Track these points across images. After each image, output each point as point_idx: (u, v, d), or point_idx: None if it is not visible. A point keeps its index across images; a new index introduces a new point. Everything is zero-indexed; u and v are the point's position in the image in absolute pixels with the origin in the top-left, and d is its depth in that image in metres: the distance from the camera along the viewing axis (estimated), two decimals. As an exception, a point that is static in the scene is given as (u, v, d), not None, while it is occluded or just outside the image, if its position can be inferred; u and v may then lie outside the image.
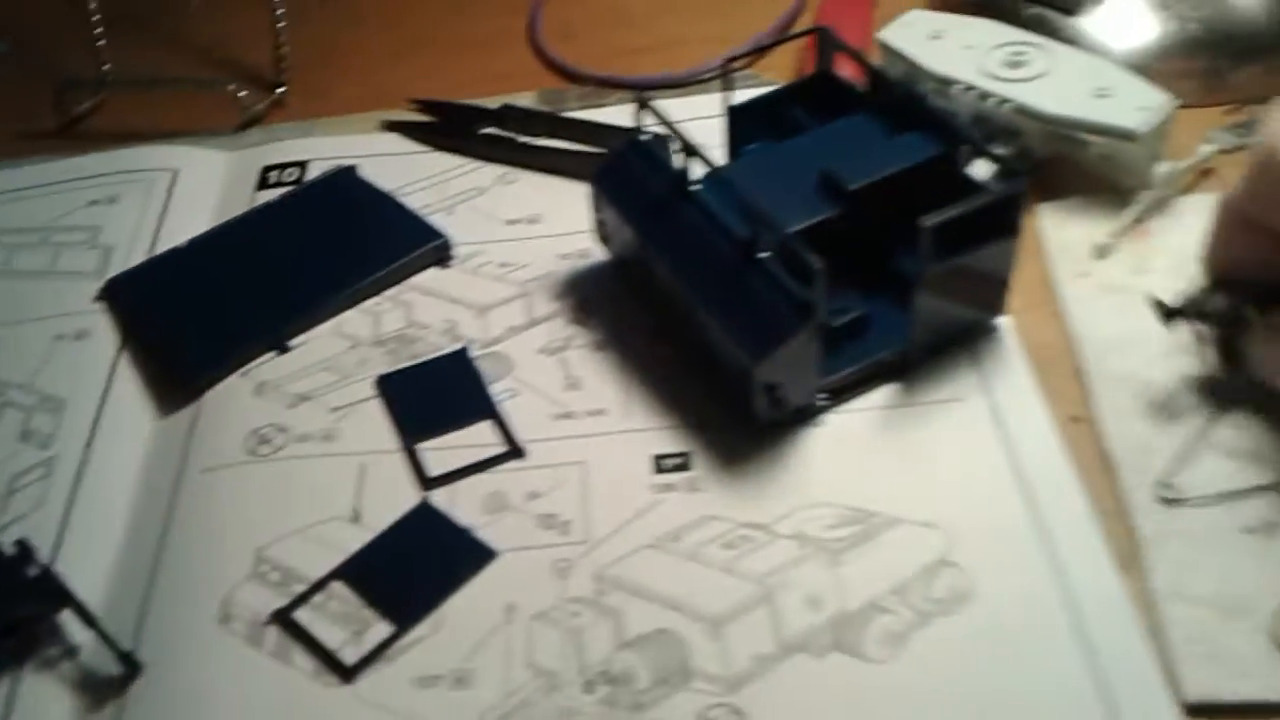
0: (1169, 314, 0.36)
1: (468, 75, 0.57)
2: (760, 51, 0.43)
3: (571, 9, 0.61)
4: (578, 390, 0.40)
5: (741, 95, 0.44)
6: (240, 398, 0.41)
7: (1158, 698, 0.30)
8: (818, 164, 0.39)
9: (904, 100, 0.40)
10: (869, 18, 0.54)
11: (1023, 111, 0.43)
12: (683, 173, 0.39)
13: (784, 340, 0.35)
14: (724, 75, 0.42)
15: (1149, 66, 0.48)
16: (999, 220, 0.37)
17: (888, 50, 0.47)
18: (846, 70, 0.44)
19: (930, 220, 0.34)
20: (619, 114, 0.52)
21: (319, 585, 0.35)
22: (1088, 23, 0.49)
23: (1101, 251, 0.42)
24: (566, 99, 0.54)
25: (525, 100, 0.54)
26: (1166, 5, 0.48)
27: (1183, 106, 0.48)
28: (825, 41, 0.43)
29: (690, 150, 0.38)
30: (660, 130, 0.41)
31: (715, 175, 0.38)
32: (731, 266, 0.37)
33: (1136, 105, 0.41)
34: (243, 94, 0.55)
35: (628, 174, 0.41)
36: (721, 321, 0.36)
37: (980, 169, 0.39)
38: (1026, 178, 0.36)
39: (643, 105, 0.40)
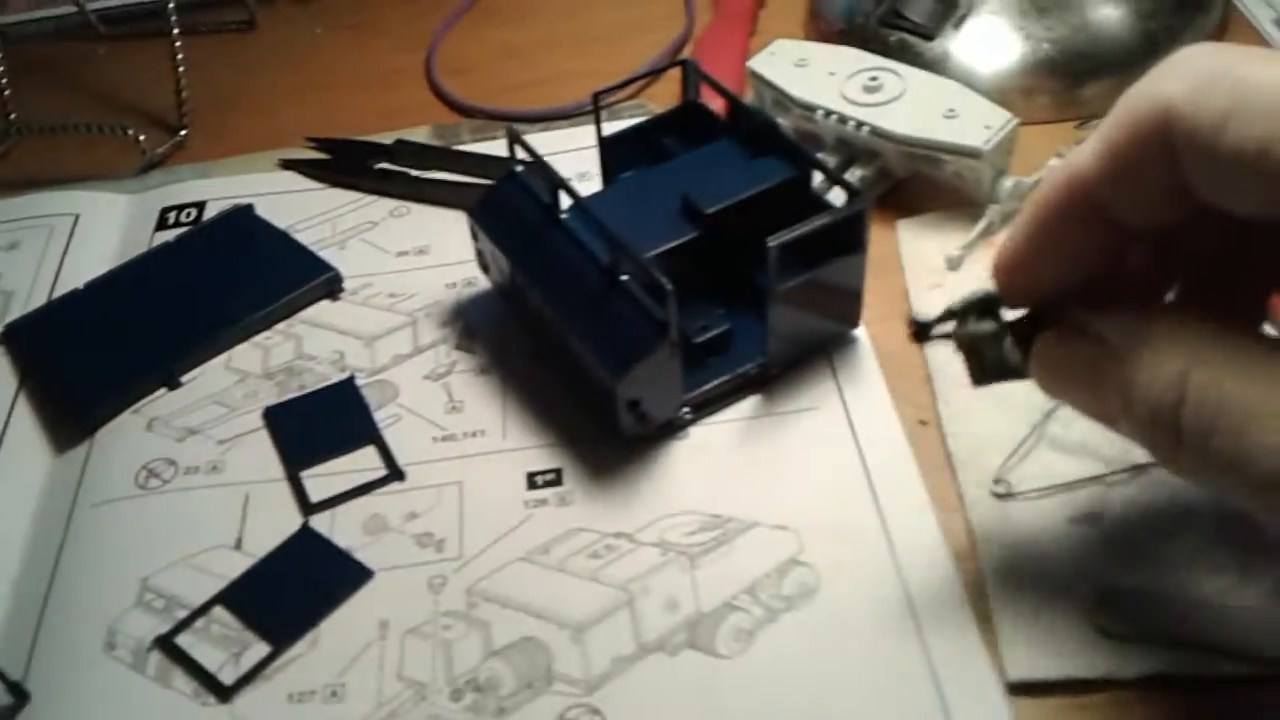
0: (919, 333, 0.33)
1: (365, 112, 0.59)
2: (629, 84, 0.45)
3: (467, 46, 0.63)
4: (459, 413, 0.42)
5: (624, 124, 0.46)
6: (132, 434, 0.42)
7: (983, 678, 0.32)
8: (679, 189, 0.41)
9: (761, 127, 0.43)
10: (745, 47, 0.57)
11: (879, 134, 0.45)
12: (552, 203, 0.41)
13: (642, 358, 0.37)
14: (596, 108, 0.44)
15: (1009, 86, 0.51)
16: (846, 238, 0.39)
17: (756, 78, 0.50)
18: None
19: (776, 240, 0.37)
20: (504, 148, 0.54)
21: (201, 610, 0.36)
22: (954, 45, 0.51)
23: (953, 263, 0.44)
24: (459, 133, 0.56)
25: (420, 135, 0.56)
26: (1022, 27, 0.51)
27: (1038, 123, 0.51)
28: (690, 73, 0.45)
29: (556, 181, 0.40)
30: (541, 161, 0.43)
31: (581, 204, 0.40)
32: (596, 290, 0.39)
33: (982, 124, 0.44)
34: (143, 138, 0.56)
35: (503, 206, 0.43)
36: (587, 343, 0.38)
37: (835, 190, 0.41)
38: (870, 197, 0.39)
39: (514, 139, 0.42)
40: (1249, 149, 0.23)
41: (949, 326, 0.31)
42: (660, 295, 0.36)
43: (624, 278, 0.38)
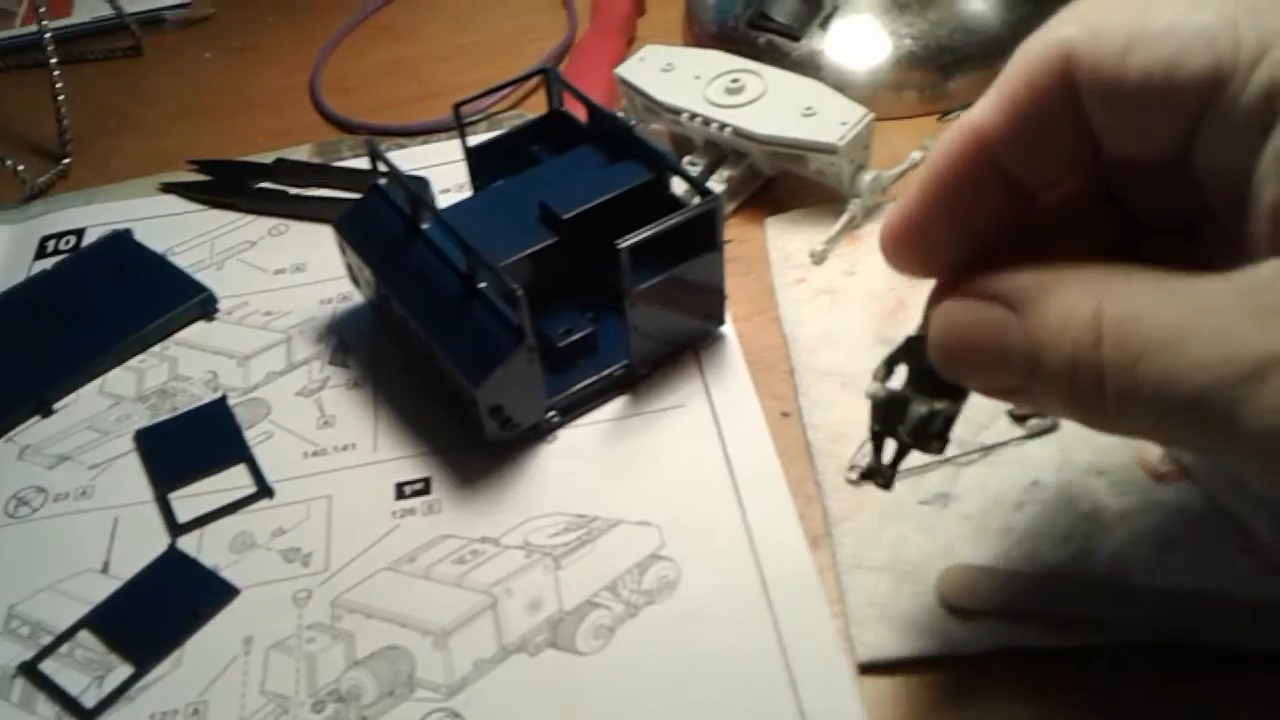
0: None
1: (252, 134, 0.59)
2: (489, 95, 0.46)
3: (352, 63, 0.63)
4: (330, 428, 0.42)
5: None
6: (3, 463, 0.42)
7: (833, 659, 0.33)
8: (539, 196, 0.42)
9: (619, 132, 0.43)
10: (622, 53, 0.57)
11: (741, 134, 0.46)
12: (414, 215, 0.41)
13: (499, 363, 0.37)
14: (458, 120, 0.45)
15: (876, 82, 0.52)
16: (701, 237, 0.40)
17: (625, 84, 0.50)
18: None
19: (625, 242, 0.37)
20: (392, 160, 0.55)
21: (66, 635, 0.36)
22: (820, 45, 0.52)
23: (817, 257, 0.45)
24: (340, 149, 0.56)
25: (301, 153, 0.56)
26: (886, 25, 0.52)
27: (907, 117, 0.52)
28: (552, 82, 0.46)
29: (413, 195, 0.41)
30: (414, 174, 0.43)
31: (438, 216, 0.40)
32: (455, 299, 0.39)
33: (839, 120, 0.45)
34: (21, 168, 0.56)
35: (367, 219, 0.43)
36: (447, 351, 0.39)
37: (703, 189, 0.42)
38: (741, 196, 0.39)
39: (374, 154, 0.43)
40: (1157, 70, 0.22)
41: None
42: (511, 301, 0.36)
43: (482, 286, 0.39)
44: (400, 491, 0.39)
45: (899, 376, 0.29)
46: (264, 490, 0.40)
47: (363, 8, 0.66)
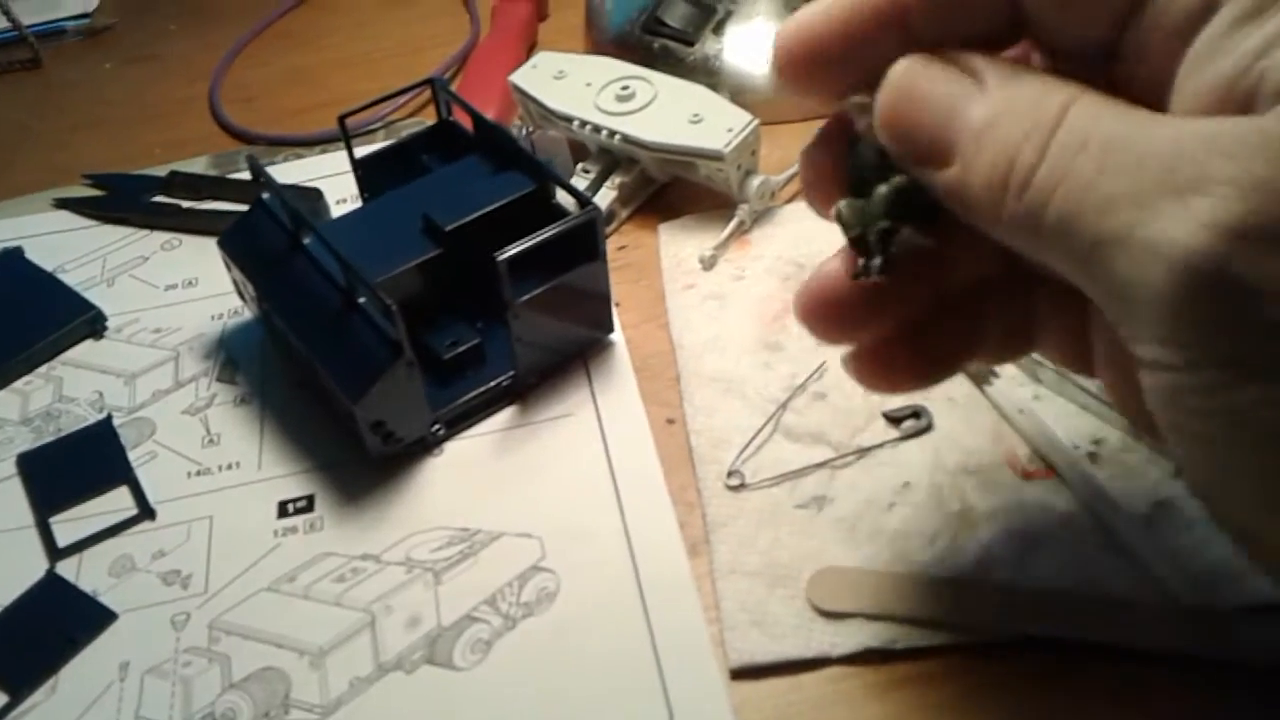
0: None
1: (151, 146, 0.58)
2: (375, 105, 0.46)
3: (253, 72, 0.62)
4: (215, 446, 0.42)
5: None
6: (-120, 491, 0.41)
7: (705, 666, 0.33)
8: (424, 208, 0.42)
9: (504, 143, 0.43)
10: (521, 60, 0.57)
11: (631, 141, 0.46)
12: (295, 230, 0.41)
13: (377, 379, 0.37)
14: (344, 132, 0.44)
15: (770, 86, 0.52)
16: (583, 247, 0.40)
17: (519, 92, 0.50)
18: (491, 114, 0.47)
19: (503, 254, 0.37)
20: (284, 171, 0.54)
21: (-63, 667, 0.36)
22: (714, 50, 0.53)
23: (706, 263, 0.45)
24: (237, 161, 0.56)
25: (198, 165, 0.55)
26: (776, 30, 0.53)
27: (799, 120, 0.53)
28: (439, 92, 0.46)
29: (293, 212, 0.40)
30: (309, 185, 0.43)
31: (317, 231, 0.40)
32: (335, 314, 0.39)
33: (725, 127, 0.45)
34: (-92, 185, 0.55)
35: (250, 234, 0.43)
36: (327, 367, 0.38)
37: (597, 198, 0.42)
38: (599, 208, 0.39)
39: (255, 170, 0.42)
40: None
41: None
42: (387, 315, 0.36)
43: (362, 300, 0.39)
44: (283, 510, 0.39)
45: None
46: (146, 512, 0.40)
47: (265, 15, 0.66)
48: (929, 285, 0.28)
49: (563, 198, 0.41)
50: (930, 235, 0.26)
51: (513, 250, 0.37)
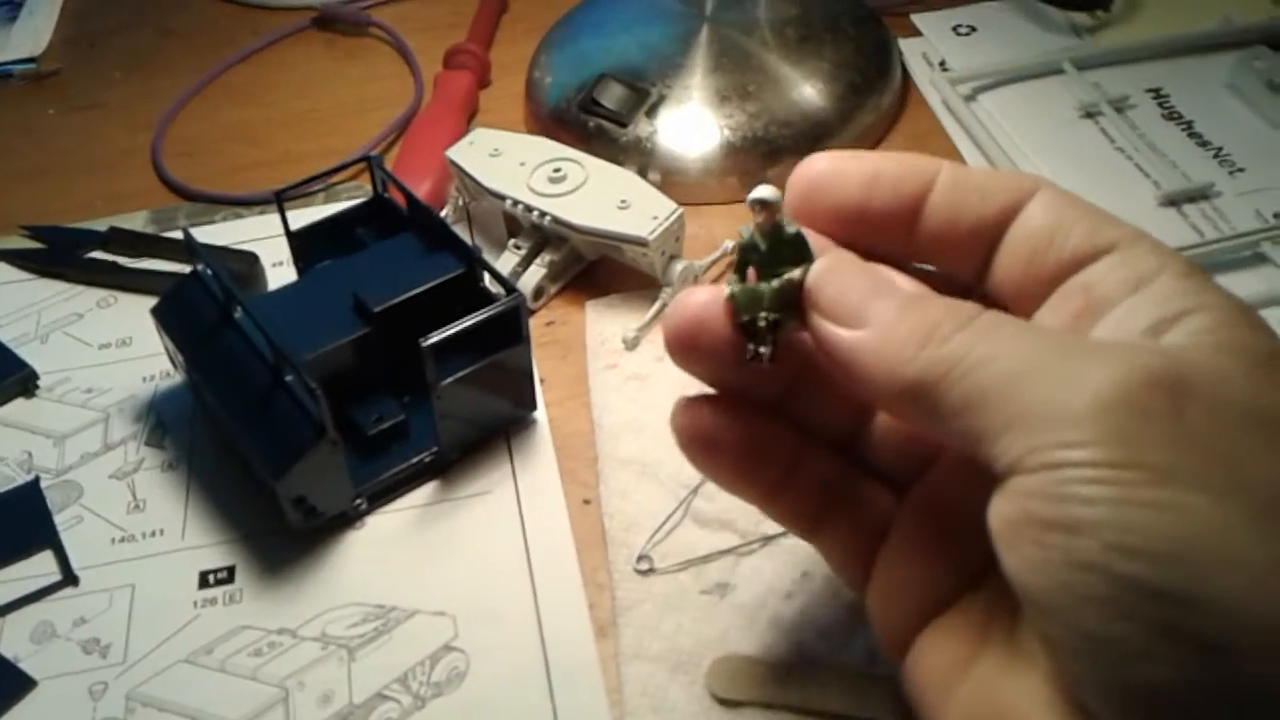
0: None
1: (93, 197, 0.59)
2: (312, 181, 0.47)
3: (196, 125, 0.63)
4: (141, 513, 0.43)
5: (340, 206, 0.48)
6: None
7: (604, 752, 0.34)
8: (354, 285, 0.43)
9: (434, 224, 0.45)
10: (461, 131, 0.59)
11: (560, 223, 0.48)
12: (226, 303, 0.42)
13: (300, 457, 0.38)
14: (280, 208, 0.46)
15: (699, 169, 0.54)
16: (507, 331, 0.42)
17: (455, 167, 0.52)
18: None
19: (428, 341, 0.39)
20: (222, 231, 0.55)
21: None
22: (646, 132, 0.54)
23: (629, 344, 0.47)
24: (177, 217, 0.57)
25: (137, 220, 0.56)
26: (707, 115, 0.55)
27: (728, 203, 0.55)
28: (374, 170, 0.47)
29: (224, 288, 0.42)
30: (244, 249, 0.43)
31: (245, 308, 0.41)
32: (262, 390, 0.40)
33: (651, 215, 0.47)
34: None
35: (183, 305, 0.44)
36: (251, 442, 0.40)
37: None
38: (523, 294, 0.41)
39: (189, 243, 0.43)
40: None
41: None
42: (311, 395, 0.38)
43: (289, 378, 0.40)
44: (204, 580, 0.40)
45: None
46: (69, 578, 0.40)
47: (211, 67, 0.67)
48: (783, 376, 0.31)
49: (489, 280, 0.43)
50: (804, 327, 0.28)
51: (437, 336, 0.39)
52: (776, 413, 0.31)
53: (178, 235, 0.55)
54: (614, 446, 0.43)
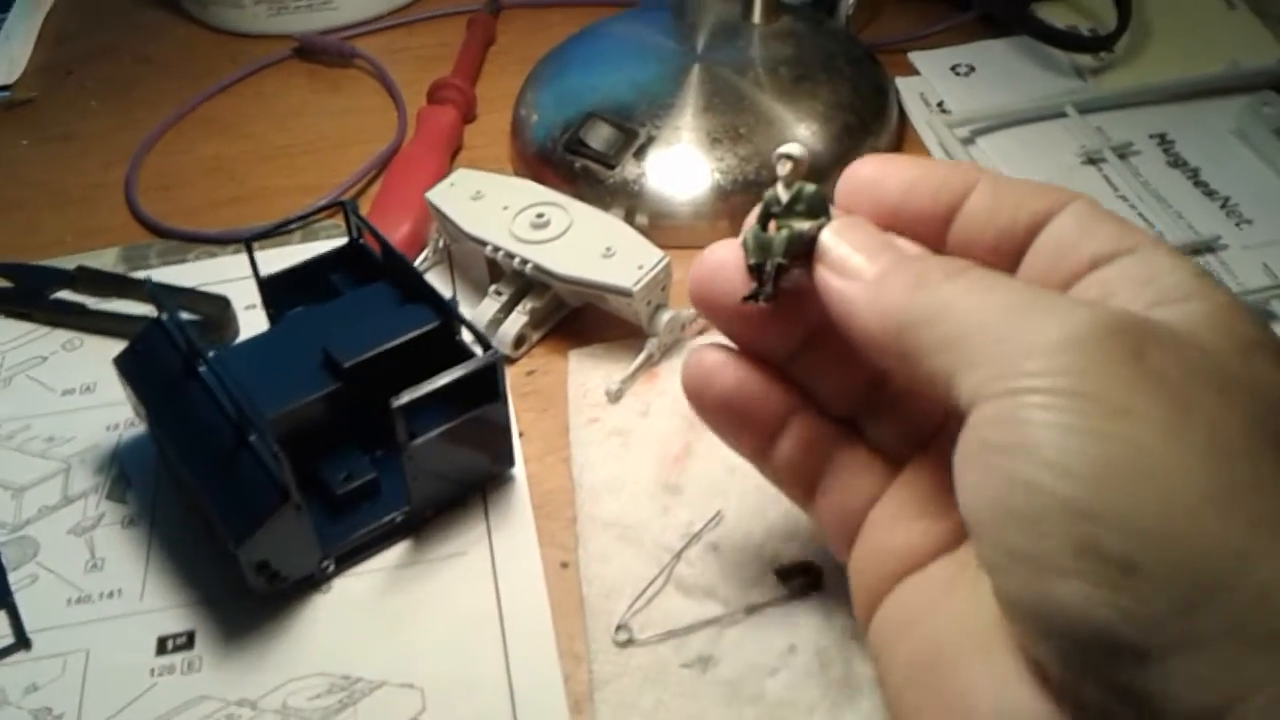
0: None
1: (59, 232, 0.57)
2: (284, 227, 0.46)
3: (172, 158, 0.62)
4: (99, 572, 0.41)
5: (326, 245, 0.47)
6: None
7: (576, 842, 0.33)
8: (325, 337, 0.41)
9: (409, 275, 0.43)
10: (444, 168, 0.57)
11: (543, 271, 0.47)
12: (190, 355, 0.41)
13: (262, 522, 0.37)
14: (250, 256, 0.44)
15: (689, 213, 0.53)
16: (484, 388, 0.40)
17: (435, 210, 0.50)
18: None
19: (399, 401, 0.37)
20: (195, 270, 0.54)
21: None
22: (634, 174, 0.53)
23: (613, 396, 0.46)
24: (149, 255, 0.55)
25: (108, 258, 0.55)
26: (700, 158, 0.53)
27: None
28: (349, 215, 0.46)
29: (188, 341, 0.40)
30: (215, 292, 0.42)
31: (221, 359, 0.40)
32: (226, 449, 0.38)
33: (636, 264, 0.46)
34: None
35: (146, 356, 0.42)
36: (214, 504, 0.38)
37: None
38: (499, 351, 0.40)
39: (154, 296, 0.42)
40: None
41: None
42: (277, 461, 0.36)
43: (253, 437, 0.38)
44: (162, 646, 0.38)
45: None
46: (22, 641, 0.38)
47: (190, 97, 0.65)
48: (799, 327, 0.32)
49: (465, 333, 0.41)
50: (810, 277, 0.30)
51: (408, 397, 0.37)
52: (780, 372, 0.33)
53: (148, 276, 0.53)
54: (594, 507, 0.42)
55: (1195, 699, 0.21)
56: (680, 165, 0.53)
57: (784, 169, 0.31)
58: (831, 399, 0.33)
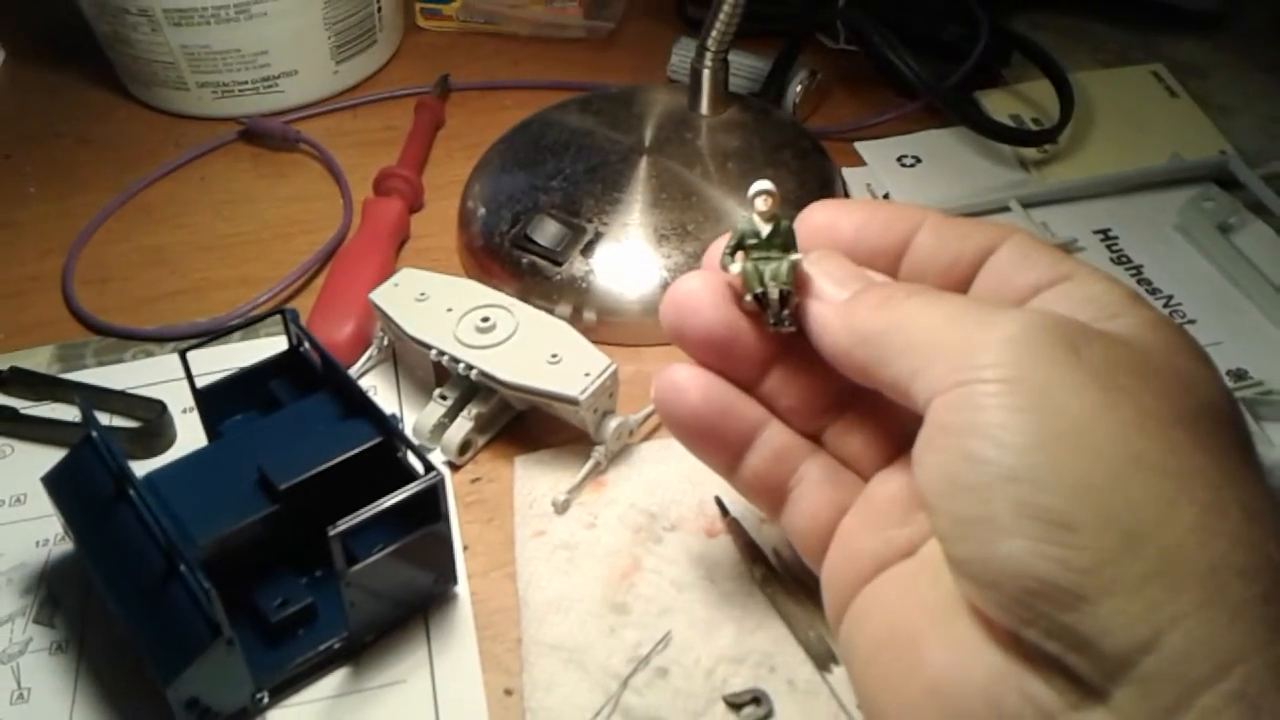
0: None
1: (-7, 328, 0.56)
2: (220, 337, 0.44)
3: (110, 248, 0.60)
4: (24, 704, 0.39)
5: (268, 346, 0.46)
6: None
7: None
8: (261, 457, 0.40)
9: (349, 388, 0.42)
10: (389, 263, 0.56)
11: (489, 377, 0.46)
12: (121, 476, 0.39)
13: (192, 660, 0.35)
14: (185, 367, 0.43)
15: (636, 310, 0.52)
16: (425, 510, 0.39)
17: (380, 311, 0.49)
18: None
19: (336, 530, 0.36)
20: (133, 370, 0.52)
21: None
22: (581, 271, 0.52)
23: (559, 507, 0.45)
24: (85, 354, 0.54)
25: (42, 356, 0.53)
26: (648, 254, 0.53)
27: (665, 343, 0.53)
28: (289, 324, 0.45)
29: (119, 466, 0.39)
30: (149, 396, 0.40)
31: (148, 483, 0.39)
32: (157, 577, 0.37)
33: (582, 371, 0.45)
34: None
35: (75, 475, 0.41)
36: (141, 639, 0.36)
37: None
38: (441, 472, 0.38)
39: (85, 412, 0.40)
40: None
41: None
42: (208, 597, 0.35)
43: (182, 568, 0.37)
44: (86, 789, 0.37)
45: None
46: (-65, 786, 0.37)
47: (129, 184, 0.64)
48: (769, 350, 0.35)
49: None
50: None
51: (345, 525, 0.36)
52: (727, 387, 0.35)
53: (84, 376, 0.52)
54: (539, 629, 0.41)
55: (1126, 635, 0.23)
56: (628, 262, 0.53)
57: (764, 204, 0.33)
58: (797, 417, 0.35)
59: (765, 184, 0.33)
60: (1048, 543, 0.24)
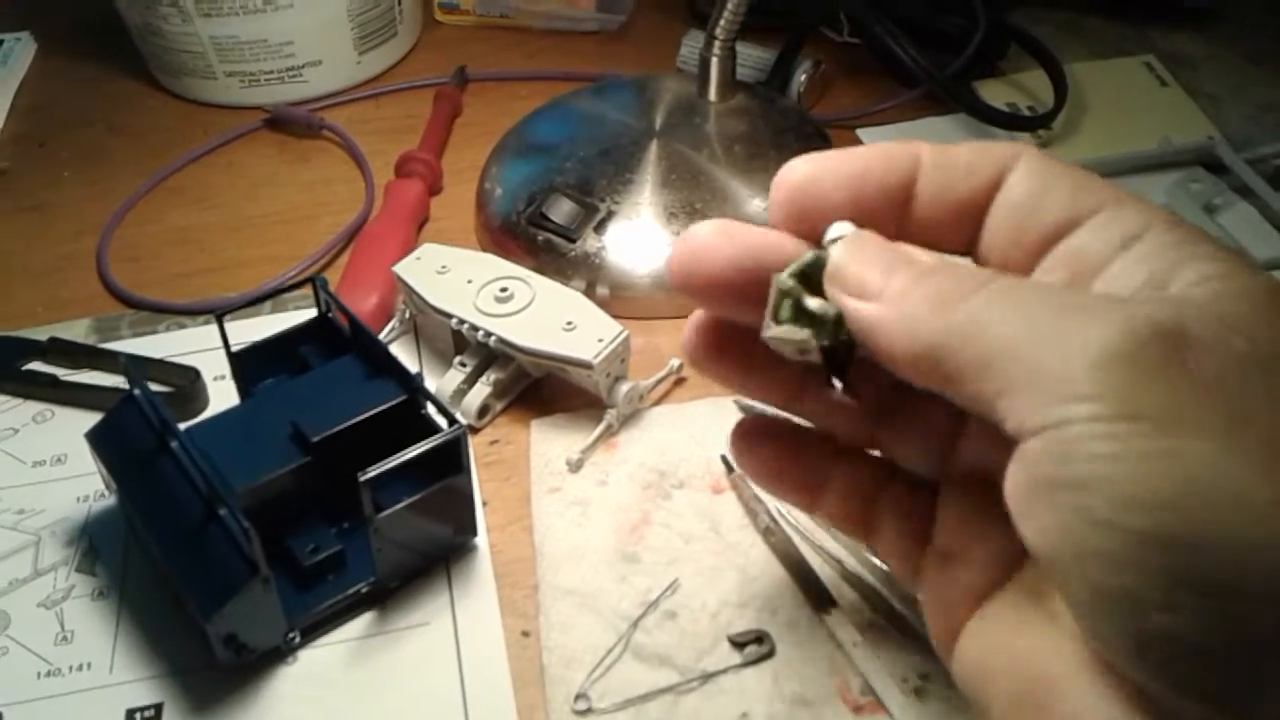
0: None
1: (30, 303, 0.58)
2: (256, 302, 0.47)
3: (142, 229, 0.63)
4: (68, 644, 0.42)
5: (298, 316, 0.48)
6: None
7: None
8: (294, 412, 0.43)
9: (376, 349, 0.45)
10: (410, 241, 0.59)
11: (506, 344, 0.48)
12: (163, 430, 0.42)
13: (231, 596, 0.38)
14: (222, 331, 0.45)
15: (648, 285, 0.55)
16: (448, 462, 0.41)
17: (402, 283, 0.52)
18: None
19: (366, 475, 0.38)
20: (166, 341, 0.55)
21: None
22: (594, 247, 0.55)
23: (573, 465, 0.47)
24: (120, 327, 0.56)
25: (79, 329, 0.56)
26: (659, 231, 0.55)
27: (675, 317, 0.55)
28: (319, 291, 0.47)
29: (161, 418, 0.41)
30: (185, 363, 0.43)
31: (189, 435, 0.41)
32: (195, 523, 0.40)
33: (596, 337, 0.47)
34: None
35: (118, 431, 0.43)
36: (183, 578, 0.39)
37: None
38: (464, 424, 0.41)
39: (128, 371, 0.43)
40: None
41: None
42: (247, 537, 0.37)
43: (222, 512, 0.39)
44: (131, 719, 0.39)
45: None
46: (-11, 717, 0.39)
47: (160, 167, 0.66)
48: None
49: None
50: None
51: (375, 471, 0.38)
52: (798, 430, 0.34)
53: (119, 346, 0.54)
54: (555, 575, 0.43)
55: None
56: (639, 239, 0.55)
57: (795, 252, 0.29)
58: (842, 429, 0.33)
59: (846, 226, 0.28)
60: (1212, 615, 0.21)
